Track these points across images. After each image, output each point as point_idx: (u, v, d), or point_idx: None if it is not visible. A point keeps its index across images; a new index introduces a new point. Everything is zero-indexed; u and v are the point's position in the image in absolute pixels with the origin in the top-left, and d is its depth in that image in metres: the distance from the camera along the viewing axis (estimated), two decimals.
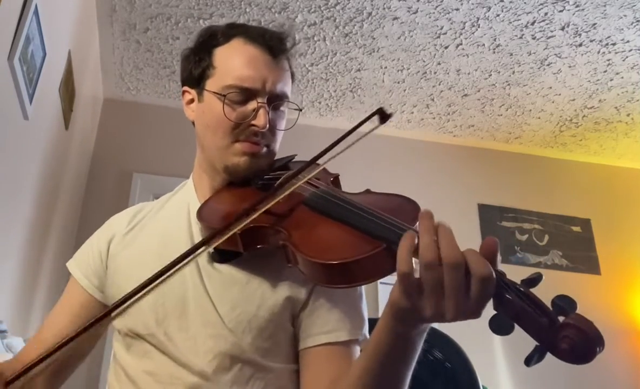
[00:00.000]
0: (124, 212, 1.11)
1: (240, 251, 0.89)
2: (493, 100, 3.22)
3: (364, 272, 0.74)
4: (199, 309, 0.91)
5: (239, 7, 2.61)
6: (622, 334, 3.24)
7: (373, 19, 2.65)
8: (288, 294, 0.91)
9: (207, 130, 0.99)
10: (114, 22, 2.74)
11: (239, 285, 0.91)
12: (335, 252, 0.76)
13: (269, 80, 0.96)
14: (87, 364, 2.67)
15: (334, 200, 0.87)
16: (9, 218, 1.89)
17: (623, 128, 3.40)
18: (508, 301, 0.61)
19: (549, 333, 0.59)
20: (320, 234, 0.83)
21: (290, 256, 0.83)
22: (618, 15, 2.56)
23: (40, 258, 2.38)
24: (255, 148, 0.97)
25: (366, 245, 0.74)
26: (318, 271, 0.78)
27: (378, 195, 0.92)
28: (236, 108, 0.95)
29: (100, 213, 3.04)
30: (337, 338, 0.89)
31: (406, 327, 0.70)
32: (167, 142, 3.22)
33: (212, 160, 1.01)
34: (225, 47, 0.99)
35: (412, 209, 0.80)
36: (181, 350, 0.89)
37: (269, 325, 0.90)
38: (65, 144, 2.53)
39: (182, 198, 1.07)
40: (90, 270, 1.04)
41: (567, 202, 3.60)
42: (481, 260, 0.61)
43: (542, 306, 0.60)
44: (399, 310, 0.67)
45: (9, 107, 1.69)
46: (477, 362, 1.49)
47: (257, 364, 0.89)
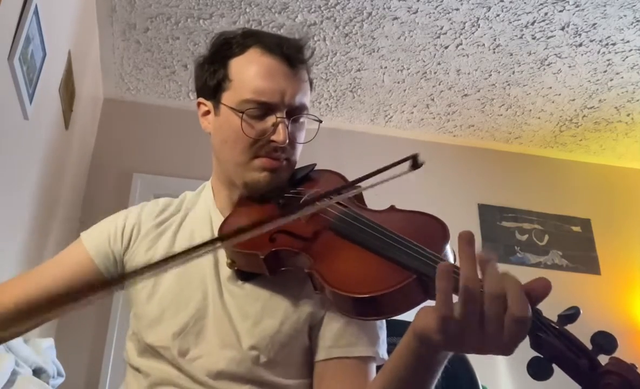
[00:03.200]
0: (152, 204, 1.07)
1: (266, 275, 0.87)
2: (493, 100, 3.21)
3: (394, 305, 0.71)
4: (217, 328, 0.89)
5: (239, 7, 2.61)
6: (622, 334, 3.24)
7: (373, 19, 2.65)
8: (310, 310, 0.89)
9: (224, 145, 0.97)
10: (114, 22, 2.74)
11: (262, 300, 0.90)
12: (364, 285, 0.73)
13: (287, 92, 0.93)
14: (87, 369, 2.67)
15: (362, 227, 0.82)
16: (9, 217, 1.89)
17: (623, 128, 3.40)
18: (544, 342, 0.59)
19: (590, 376, 0.57)
20: (348, 263, 0.80)
21: (317, 284, 0.80)
22: (618, 15, 2.56)
23: (40, 258, 2.38)
24: (275, 164, 0.94)
25: (396, 276, 0.70)
26: (346, 303, 0.75)
27: (404, 214, 0.88)
28: (254, 124, 0.92)
29: (100, 213, 3.02)
30: (351, 353, 0.87)
31: (431, 352, 0.67)
32: (167, 142, 3.22)
33: (230, 175, 0.98)
34: (241, 58, 0.95)
35: (440, 230, 0.78)
36: (194, 367, 0.88)
37: (291, 341, 0.88)
38: (65, 144, 2.52)
39: (204, 207, 1.04)
40: (107, 246, 1.00)
41: (567, 202, 3.60)
42: (522, 299, 0.58)
43: (581, 346, 0.58)
44: (429, 338, 0.63)
45: (9, 107, 1.69)
46: (477, 362, 1.49)
47: (267, 383, 0.87)
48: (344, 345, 0.88)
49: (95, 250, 1.00)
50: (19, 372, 1.42)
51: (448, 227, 0.78)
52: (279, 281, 0.90)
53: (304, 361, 0.91)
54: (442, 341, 0.62)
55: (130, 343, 0.97)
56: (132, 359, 0.95)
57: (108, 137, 3.24)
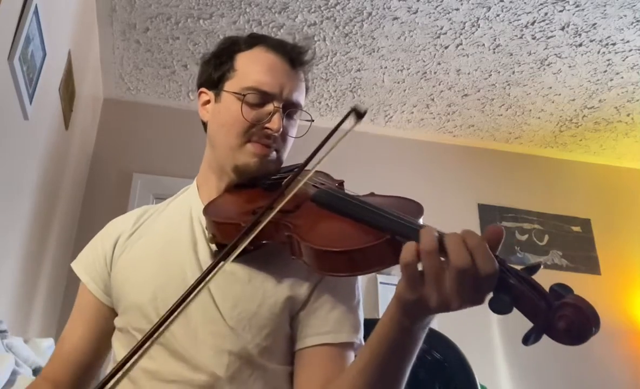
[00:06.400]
0: (129, 214, 1.12)
1: (248, 249, 0.89)
2: (493, 100, 3.22)
3: (367, 261, 0.76)
4: (201, 306, 0.91)
5: (239, 7, 2.61)
6: (622, 334, 3.24)
7: (373, 19, 2.65)
8: (289, 294, 0.92)
9: (221, 128, 1.02)
10: (114, 22, 2.74)
11: (241, 282, 0.92)
12: (340, 241, 0.79)
13: (286, 87, 1.00)
14: None
15: (340, 196, 0.90)
16: (9, 218, 1.89)
17: (623, 128, 3.40)
18: (509, 285, 0.63)
19: (547, 314, 0.61)
20: (326, 225, 0.85)
21: (295, 247, 0.84)
22: (618, 15, 2.56)
23: (40, 258, 2.38)
24: (265, 150, 1.00)
25: (371, 236, 0.75)
26: (321, 259, 0.79)
27: (382, 197, 0.94)
28: (253, 109, 0.99)
29: (100, 213, 3.05)
30: (334, 340, 0.90)
31: (411, 319, 0.71)
32: (167, 142, 3.22)
33: (222, 159, 1.03)
34: (247, 53, 1.04)
35: (416, 208, 0.83)
36: (183, 345, 0.89)
37: (268, 323, 0.90)
38: (65, 144, 2.53)
39: (185, 201, 1.08)
40: (96, 273, 1.04)
41: (567, 202, 3.60)
42: (489, 257, 0.63)
43: (541, 290, 0.63)
44: (405, 302, 0.68)
45: (9, 107, 1.69)
46: (476, 361, 1.49)
47: (255, 363, 0.89)
48: (326, 332, 0.91)
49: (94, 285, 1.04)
50: (19, 372, 1.42)
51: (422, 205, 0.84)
52: (259, 264, 0.93)
53: (288, 347, 0.93)
54: (415, 297, 0.66)
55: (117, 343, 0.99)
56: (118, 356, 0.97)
57: (108, 137, 3.24)
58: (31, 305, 2.32)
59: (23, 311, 2.22)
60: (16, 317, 2.10)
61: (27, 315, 2.27)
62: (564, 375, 2.98)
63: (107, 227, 1.11)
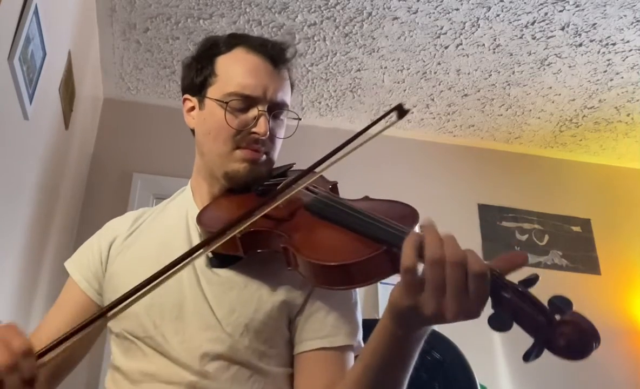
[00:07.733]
0: (126, 216, 1.11)
1: (241, 256, 0.89)
2: (493, 100, 3.22)
3: (364, 274, 0.75)
4: (197, 313, 0.91)
5: (239, 7, 2.61)
6: (622, 334, 3.24)
7: (373, 19, 2.65)
8: (285, 298, 0.91)
9: (207, 136, 1.00)
10: (114, 22, 2.74)
11: (237, 288, 0.92)
12: (336, 254, 0.77)
13: (269, 88, 0.98)
14: (87, 369, 2.67)
15: (335, 205, 0.88)
16: (9, 218, 1.89)
17: (623, 128, 3.40)
18: (506, 300, 0.63)
19: (547, 330, 0.61)
20: (321, 237, 0.84)
21: (290, 258, 0.83)
22: (618, 15, 2.56)
23: (40, 258, 2.38)
24: (255, 155, 0.98)
25: (367, 248, 0.74)
26: (318, 273, 0.78)
27: (377, 202, 0.93)
28: (237, 116, 0.97)
29: (100, 213, 3.05)
30: (332, 343, 0.90)
31: (404, 329, 0.70)
32: (167, 142, 3.21)
33: (211, 167, 1.01)
34: (227, 55, 1.01)
35: (411, 214, 0.82)
36: (179, 352, 0.89)
37: (265, 329, 0.90)
38: (65, 144, 2.53)
39: (181, 204, 1.07)
40: (90, 272, 1.03)
41: (567, 202, 3.60)
42: (478, 260, 0.63)
43: (540, 305, 0.62)
44: (400, 310, 0.67)
45: (9, 107, 1.69)
46: (476, 362, 1.49)
47: (254, 367, 0.89)
48: (324, 336, 0.90)
49: (86, 283, 1.03)
50: None
51: (417, 211, 0.82)
52: (254, 270, 0.92)
53: (287, 351, 0.93)
54: (410, 305, 0.65)
55: (115, 347, 0.99)
56: (119, 362, 0.95)
57: (108, 137, 3.24)
58: (31, 305, 2.32)
59: (23, 311, 2.22)
60: (16, 317, 2.10)
61: (27, 315, 2.27)
62: (564, 375, 2.98)
63: (104, 228, 1.10)
